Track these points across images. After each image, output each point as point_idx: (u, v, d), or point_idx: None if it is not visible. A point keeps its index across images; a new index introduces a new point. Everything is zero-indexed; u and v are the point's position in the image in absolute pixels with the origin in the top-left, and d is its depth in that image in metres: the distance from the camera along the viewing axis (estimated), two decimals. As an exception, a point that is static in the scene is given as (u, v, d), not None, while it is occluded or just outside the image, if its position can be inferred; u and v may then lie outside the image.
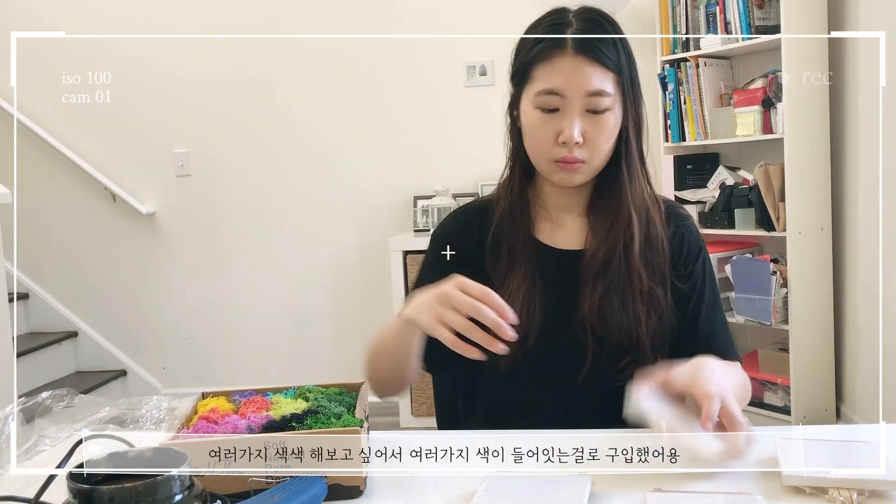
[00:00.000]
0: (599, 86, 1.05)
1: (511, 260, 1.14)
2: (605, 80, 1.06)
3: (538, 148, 1.10)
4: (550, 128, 1.07)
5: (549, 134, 1.07)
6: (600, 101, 1.06)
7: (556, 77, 1.06)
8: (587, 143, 1.07)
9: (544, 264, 1.14)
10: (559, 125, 1.06)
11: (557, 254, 1.16)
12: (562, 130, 1.06)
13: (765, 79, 2.85)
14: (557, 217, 1.18)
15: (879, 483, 0.79)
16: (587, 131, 1.06)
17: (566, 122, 1.06)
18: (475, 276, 1.14)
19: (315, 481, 0.82)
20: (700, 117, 3.05)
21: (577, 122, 1.06)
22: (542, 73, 1.07)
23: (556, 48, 1.06)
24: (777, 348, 2.96)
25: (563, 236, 1.18)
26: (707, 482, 0.86)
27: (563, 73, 1.05)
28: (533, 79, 1.08)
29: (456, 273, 1.03)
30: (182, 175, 3.59)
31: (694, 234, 1.19)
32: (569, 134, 1.05)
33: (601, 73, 1.05)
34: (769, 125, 2.81)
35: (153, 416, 1.05)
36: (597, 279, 1.11)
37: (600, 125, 1.07)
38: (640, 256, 1.11)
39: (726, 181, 3.04)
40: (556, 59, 1.06)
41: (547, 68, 1.07)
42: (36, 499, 0.75)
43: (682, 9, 3.06)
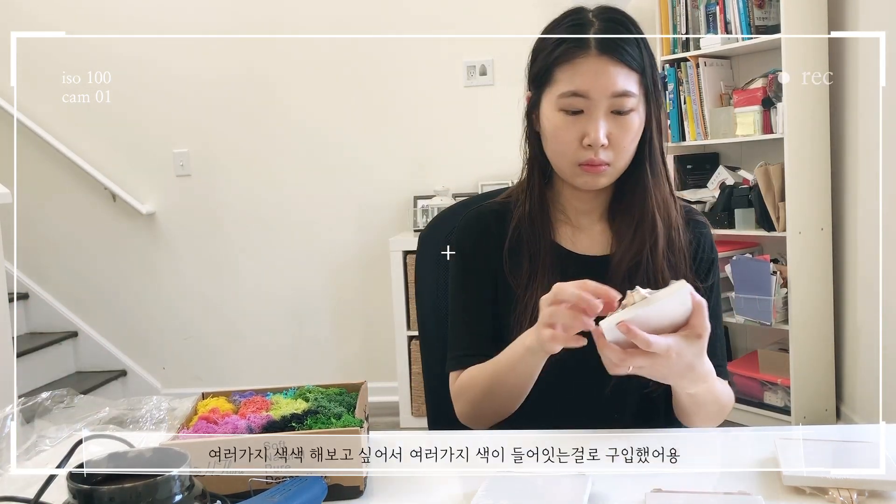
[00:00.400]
0: (624, 86, 1.03)
1: (533, 268, 1.11)
2: (629, 81, 1.03)
3: (561, 151, 1.07)
4: (574, 130, 1.05)
5: (574, 136, 1.05)
6: (625, 101, 1.03)
7: (580, 78, 1.03)
8: (612, 145, 1.05)
9: (568, 271, 1.09)
10: (584, 127, 1.04)
11: (581, 260, 1.14)
12: (587, 133, 1.04)
13: (765, 79, 2.85)
14: (577, 221, 1.16)
15: (879, 483, 0.79)
16: (612, 133, 1.04)
17: (591, 125, 1.03)
18: (496, 284, 1.14)
19: (315, 481, 0.82)
20: (700, 117, 3.05)
21: (602, 123, 1.03)
22: (565, 74, 1.04)
23: (579, 49, 1.03)
24: (777, 348, 2.96)
25: (585, 241, 1.15)
26: (707, 482, 0.86)
27: (588, 74, 1.03)
28: (555, 80, 1.06)
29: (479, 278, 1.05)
30: (182, 175, 3.59)
31: (709, 243, 1.17)
32: (594, 136, 1.03)
33: (626, 73, 1.03)
34: (769, 125, 2.81)
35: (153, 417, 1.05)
36: (623, 284, 1.05)
37: (625, 126, 1.05)
38: (664, 259, 1.09)
39: (726, 181, 3.04)
40: (579, 60, 1.03)
41: (570, 69, 1.04)
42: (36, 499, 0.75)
43: (682, 9, 3.06)
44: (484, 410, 1.10)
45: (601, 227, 1.16)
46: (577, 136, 1.05)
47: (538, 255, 1.12)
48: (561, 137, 1.06)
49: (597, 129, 1.03)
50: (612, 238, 1.14)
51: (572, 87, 1.03)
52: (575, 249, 1.14)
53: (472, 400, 1.11)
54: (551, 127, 1.07)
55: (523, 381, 1.04)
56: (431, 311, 1.34)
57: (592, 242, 1.15)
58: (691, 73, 3.04)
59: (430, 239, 1.35)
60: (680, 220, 1.13)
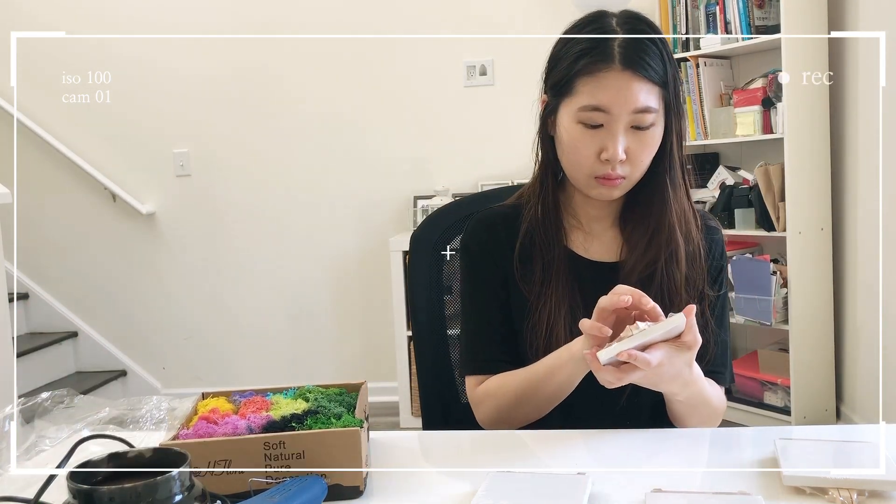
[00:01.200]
0: (646, 102, 1.01)
1: (546, 275, 1.10)
2: (650, 96, 1.01)
3: (578, 163, 1.05)
4: (593, 144, 1.03)
5: (592, 151, 1.03)
6: (645, 117, 1.02)
7: (603, 93, 1.01)
8: (630, 160, 1.03)
9: (582, 278, 1.10)
10: (603, 142, 1.02)
11: (594, 266, 1.12)
12: (605, 147, 1.02)
13: (765, 79, 2.85)
14: (589, 227, 1.14)
15: (879, 483, 0.79)
16: (630, 148, 1.02)
17: (610, 140, 1.02)
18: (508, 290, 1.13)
19: (315, 481, 0.81)
20: (700, 117, 3.05)
21: (621, 139, 1.01)
22: (587, 87, 1.02)
23: (602, 62, 1.01)
24: (777, 348, 2.96)
25: (597, 247, 1.14)
26: (707, 482, 0.86)
27: (610, 90, 1.00)
28: (576, 92, 1.03)
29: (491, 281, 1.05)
30: (182, 175, 3.59)
31: (721, 250, 1.16)
32: (613, 152, 1.01)
33: (648, 88, 1.01)
34: (769, 125, 2.81)
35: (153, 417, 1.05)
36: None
37: (644, 141, 1.03)
38: (680, 272, 1.08)
39: (726, 181, 3.04)
40: (602, 75, 1.01)
41: (592, 83, 1.01)
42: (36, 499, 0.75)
43: (682, 9, 3.06)
44: (513, 416, 1.08)
45: (613, 234, 1.14)
46: (595, 151, 1.03)
47: (552, 261, 1.10)
48: (579, 150, 1.04)
49: (616, 144, 1.01)
50: (624, 245, 1.12)
51: (594, 102, 1.01)
52: (588, 256, 1.13)
53: (500, 406, 1.09)
54: (569, 139, 1.05)
55: (562, 389, 1.03)
56: (425, 310, 1.34)
57: (603, 248, 1.14)
58: (691, 73, 3.04)
59: (424, 238, 1.34)
60: (699, 234, 1.11)
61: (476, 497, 0.79)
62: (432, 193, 3.35)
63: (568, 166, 1.08)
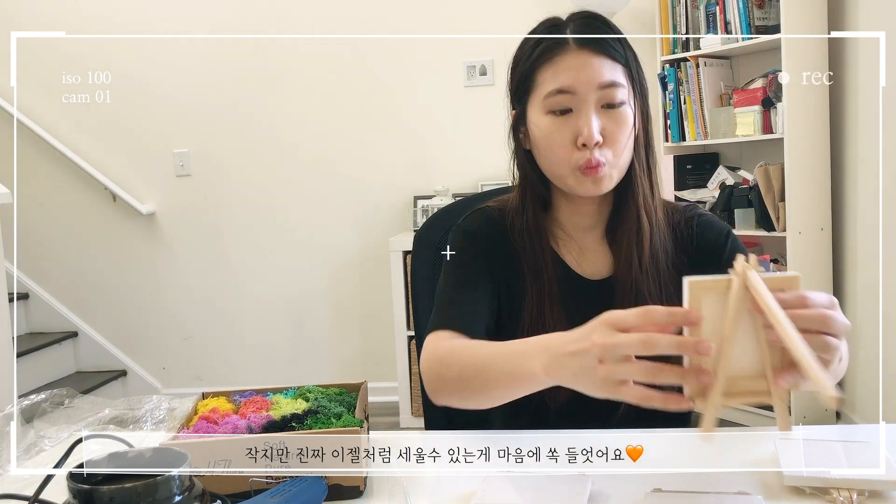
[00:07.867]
0: (611, 76, 0.98)
1: (541, 294, 1.05)
2: (615, 71, 0.99)
3: (556, 157, 1.01)
4: (566, 131, 0.99)
5: (566, 138, 0.99)
6: (615, 92, 0.98)
7: (564, 74, 0.98)
8: (608, 142, 0.98)
9: (578, 296, 1.06)
10: (575, 126, 0.98)
11: (589, 285, 1.09)
12: (579, 131, 0.97)
13: (765, 79, 2.85)
14: (581, 240, 1.11)
15: (879, 483, 0.79)
16: (606, 128, 0.98)
17: (583, 121, 0.97)
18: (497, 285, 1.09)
19: (315, 481, 0.82)
20: (700, 117, 3.05)
21: (594, 118, 0.97)
22: (547, 74, 1.00)
23: (557, 47, 0.99)
24: (777, 348, 2.96)
25: (590, 263, 1.10)
26: (707, 482, 0.86)
27: (571, 70, 0.98)
28: (538, 83, 1.01)
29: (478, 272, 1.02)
30: (182, 175, 3.59)
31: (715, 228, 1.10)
32: (588, 133, 0.97)
33: (610, 63, 0.99)
34: (769, 125, 2.81)
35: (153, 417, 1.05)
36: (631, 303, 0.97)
37: (619, 119, 0.99)
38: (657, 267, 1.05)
39: (726, 181, 3.04)
40: (559, 58, 0.99)
41: (551, 68, 1.00)
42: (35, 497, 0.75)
43: (682, 9, 3.06)
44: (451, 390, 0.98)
45: (604, 248, 1.11)
46: (569, 138, 0.99)
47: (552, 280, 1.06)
48: (553, 141, 1.00)
49: (589, 124, 0.97)
50: (612, 257, 1.09)
51: (556, 85, 0.99)
52: (581, 272, 1.10)
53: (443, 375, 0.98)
54: (541, 133, 1.01)
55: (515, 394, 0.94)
56: (427, 309, 1.34)
57: (596, 264, 1.10)
58: (691, 73, 3.04)
59: (426, 238, 1.34)
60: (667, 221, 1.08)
61: (476, 497, 0.79)
62: (432, 193, 3.35)
63: (548, 167, 1.04)
